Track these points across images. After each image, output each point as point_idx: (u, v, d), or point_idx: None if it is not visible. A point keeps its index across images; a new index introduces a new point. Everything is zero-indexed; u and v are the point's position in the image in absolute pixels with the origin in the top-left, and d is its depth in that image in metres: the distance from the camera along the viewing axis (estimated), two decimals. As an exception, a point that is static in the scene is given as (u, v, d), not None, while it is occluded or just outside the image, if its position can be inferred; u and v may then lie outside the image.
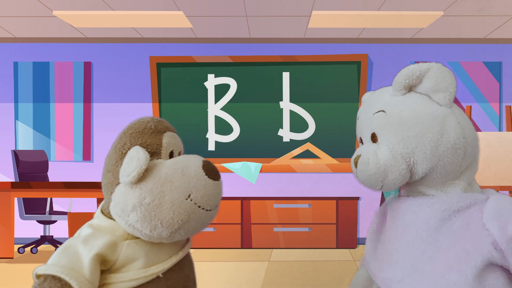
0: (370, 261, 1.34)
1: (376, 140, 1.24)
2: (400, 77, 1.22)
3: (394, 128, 1.20)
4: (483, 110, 5.49)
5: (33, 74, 5.59)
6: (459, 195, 1.18)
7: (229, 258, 4.73)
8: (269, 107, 5.58)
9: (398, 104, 1.23)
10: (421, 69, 1.20)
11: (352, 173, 1.30)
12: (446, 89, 1.20)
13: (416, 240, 1.18)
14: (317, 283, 3.72)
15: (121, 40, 5.59)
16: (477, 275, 1.10)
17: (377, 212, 1.43)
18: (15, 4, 4.43)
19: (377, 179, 1.21)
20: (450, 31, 5.19)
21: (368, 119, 1.28)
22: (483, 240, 1.10)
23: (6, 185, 4.46)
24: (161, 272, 1.24)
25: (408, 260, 1.18)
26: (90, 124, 5.61)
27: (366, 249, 1.40)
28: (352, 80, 5.53)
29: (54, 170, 5.44)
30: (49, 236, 5.04)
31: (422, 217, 1.19)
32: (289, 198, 5.30)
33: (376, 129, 1.24)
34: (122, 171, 1.19)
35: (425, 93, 1.22)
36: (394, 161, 1.19)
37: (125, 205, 1.19)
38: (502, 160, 3.38)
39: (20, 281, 3.68)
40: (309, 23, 4.96)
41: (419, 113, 1.19)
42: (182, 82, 5.61)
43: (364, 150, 1.24)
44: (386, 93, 1.28)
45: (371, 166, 1.20)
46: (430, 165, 1.18)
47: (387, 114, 1.23)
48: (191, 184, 1.20)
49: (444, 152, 1.18)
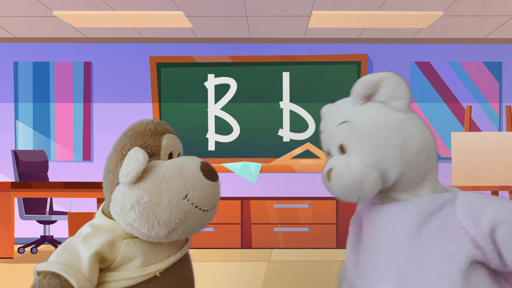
0: (354, 276, 1.30)
1: (344, 151, 1.24)
2: (357, 87, 1.25)
3: (360, 138, 1.21)
4: (483, 110, 5.49)
5: (33, 74, 5.59)
6: (430, 197, 1.19)
7: (229, 258, 4.73)
8: (269, 107, 5.58)
9: (359, 114, 1.24)
10: (375, 79, 1.23)
11: None
12: (403, 96, 1.23)
13: (399, 247, 1.16)
14: (317, 283, 3.72)
15: (121, 40, 5.59)
16: (464, 276, 1.10)
17: (352, 221, 1.41)
18: (15, 4, 4.43)
19: (353, 191, 1.20)
20: (450, 31, 5.19)
21: (332, 131, 1.28)
22: (462, 239, 1.11)
23: (6, 185, 4.46)
24: (158, 271, 1.25)
25: (395, 270, 1.15)
26: (90, 124, 5.61)
27: (347, 263, 1.35)
28: (352, 80, 5.46)
29: (54, 170, 5.44)
30: (49, 236, 5.04)
31: (401, 223, 1.17)
32: (289, 198, 5.30)
33: (343, 141, 1.24)
34: (122, 171, 1.22)
35: (382, 101, 1.24)
36: (366, 170, 1.19)
37: (124, 204, 1.21)
38: (502, 160, 3.38)
39: (20, 281, 3.68)
40: (309, 23, 4.96)
41: (380, 121, 1.22)
42: (182, 82, 5.61)
43: (335, 162, 1.23)
44: (346, 104, 1.30)
45: (346, 179, 1.19)
46: (400, 171, 1.20)
47: (351, 125, 1.24)
48: (188, 184, 1.22)
49: (410, 157, 1.20)
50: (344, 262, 1.48)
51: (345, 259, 1.37)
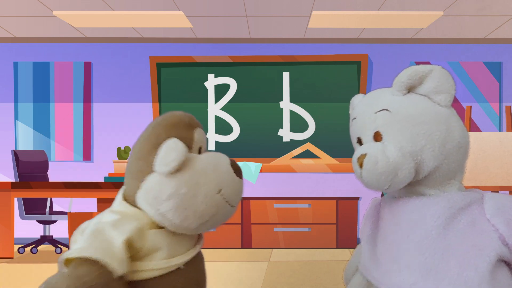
0: (371, 267, 1.30)
1: (380, 139, 1.24)
2: (403, 76, 1.24)
3: (402, 126, 1.21)
4: (483, 110, 5.49)
5: (33, 74, 5.59)
6: (460, 194, 1.21)
7: (229, 258, 4.73)
8: (269, 107, 5.58)
9: (403, 103, 1.24)
10: (424, 70, 1.23)
11: (353, 173, 1.29)
12: (448, 91, 1.23)
13: (426, 239, 1.17)
14: (317, 283, 3.72)
15: (121, 40, 5.59)
16: (491, 270, 1.12)
17: (368, 216, 1.41)
18: (15, 4, 4.43)
19: (386, 178, 1.19)
20: (450, 31, 5.19)
21: (369, 118, 1.27)
22: (492, 236, 1.14)
23: (6, 185, 4.45)
24: (182, 263, 1.25)
25: (419, 261, 1.17)
26: (90, 124, 5.61)
27: (364, 255, 1.35)
28: (352, 80, 5.53)
29: (54, 170, 5.44)
30: (49, 236, 5.04)
31: (429, 216, 1.18)
32: (289, 198, 5.30)
33: (380, 128, 1.24)
34: (160, 160, 1.20)
35: (425, 94, 1.24)
36: (403, 159, 1.18)
37: (160, 193, 1.20)
38: (502, 160, 3.38)
39: (20, 281, 3.69)
40: (309, 23, 4.96)
41: (426, 111, 1.22)
42: (182, 82, 5.61)
43: (369, 149, 1.21)
44: (385, 93, 1.29)
45: (381, 165, 1.18)
46: (436, 163, 1.20)
47: (392, 113, 1.23)
48: (222, 179, 1.25)
49: (449, 150, 1.21)
50: (353, 255, 1.50)
51: (363, 252, 1.37)
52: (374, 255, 1.30)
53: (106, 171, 5.36)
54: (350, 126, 1.37)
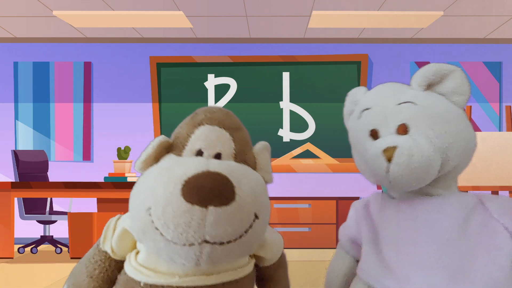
0: (380, 275, 1.20)
1: (405, 132, 1.17)
2: (428, 71, 1.21)
3: (432, 122, 1.16)
4: (483, 110, 5.49)
5: (33, 74, 5.59)
6: (466, 194, 1.19)
7: (229, 258, 4.72)
8: (269, 107, 5.58)
9: (428, 98, 1.20)
10: (447, 69, 1.21)
11: (353, 173, 1.27)
12: (465, 93, 1.22)
13: (449, 240, 1.13)
14: (317, 283, 3.72)
15: (121, 40, 5.59)
16: None
17: (358, 219, 1.34)
18: (15, 4, 4.43)
19: (420, 173, 1.11)
20: (450, 31, 5.19)
21: (391, 109, 1.20)
22: (505, 235, 1.13)
23: (6, 185, 4.45)
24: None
25: (446, 262, 1.12)
26: (90, 124, 5.61)
27: (368, 262, 1.26)
28: (352, 80, 5.53)
29: (54, 170, 5.44)
30: (49, 236, 5.03)
31: (448, 217, 1.15)
32: (289, 198, 5.30)
33: (407, 120, 1.17)
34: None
35: (444, 93, 1.22)
36: (435, 154, 1.13)
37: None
38: (502, 160, 3.38)
39: (20, 281, 3.68)
40: (309, 23, 4.96)
41: (452, 110, 1.19)
42: (182, 82, 5.61)
43: (399, 141, 1.13)
44: (404, 87, 1.25)
45: (416, 159, 1.10)
46: (456, 162, 1.18)
47: (419, 106, 1.18)
48: (157, 197, 1.00)
49: (470, 150, 1.20)
50: (332, 261, 1.41)
51: (365, 259, 1.27)
52: (382, 261, 1.22)
53: (106, 171, 5.36)
54: (357, 119, 1.28)
